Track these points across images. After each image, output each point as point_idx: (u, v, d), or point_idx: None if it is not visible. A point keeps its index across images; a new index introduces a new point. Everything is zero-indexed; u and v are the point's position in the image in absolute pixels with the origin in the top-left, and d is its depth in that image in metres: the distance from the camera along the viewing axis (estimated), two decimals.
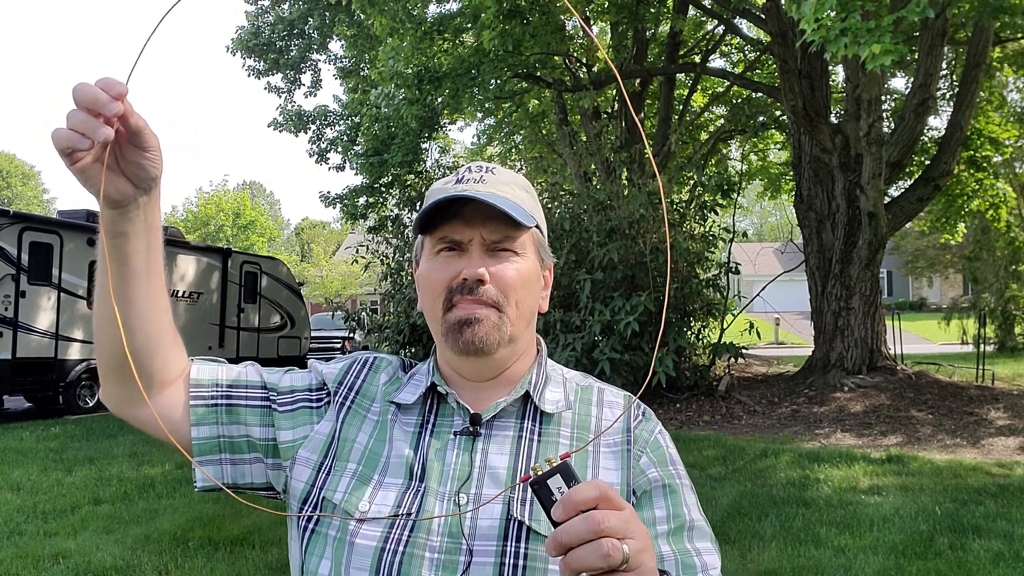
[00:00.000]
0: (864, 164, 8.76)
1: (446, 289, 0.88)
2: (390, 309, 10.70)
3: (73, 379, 10.25)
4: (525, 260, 0.91)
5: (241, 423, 0.91)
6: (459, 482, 0.85)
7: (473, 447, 0.87)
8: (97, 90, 0.70)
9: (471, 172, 0.92)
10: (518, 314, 0.90)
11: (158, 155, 0.78)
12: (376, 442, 0.90)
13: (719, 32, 14.36)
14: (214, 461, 0.90)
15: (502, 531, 0.82)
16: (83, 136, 0.70)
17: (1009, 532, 4.26)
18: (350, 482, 0.86)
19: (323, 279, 32.49)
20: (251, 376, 0.95)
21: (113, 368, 0.86)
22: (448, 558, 0.80)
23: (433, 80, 9.89)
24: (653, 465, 0.90)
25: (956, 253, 19.81)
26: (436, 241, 0.90)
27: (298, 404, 0.93)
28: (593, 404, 0.95)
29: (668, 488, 0.89)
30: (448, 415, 0.91)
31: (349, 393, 0.95)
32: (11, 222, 9.56)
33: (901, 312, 17.79)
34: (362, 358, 1.00)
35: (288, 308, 15.08)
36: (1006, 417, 7.88)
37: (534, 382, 0.93)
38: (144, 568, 3.89)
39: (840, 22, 5.36)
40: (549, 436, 0.90)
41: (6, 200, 48.51)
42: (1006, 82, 12.95)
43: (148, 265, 0.83)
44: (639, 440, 0.91)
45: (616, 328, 7.91)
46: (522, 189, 0.94)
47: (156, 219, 0.82)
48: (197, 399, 0.91)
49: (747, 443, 6.93)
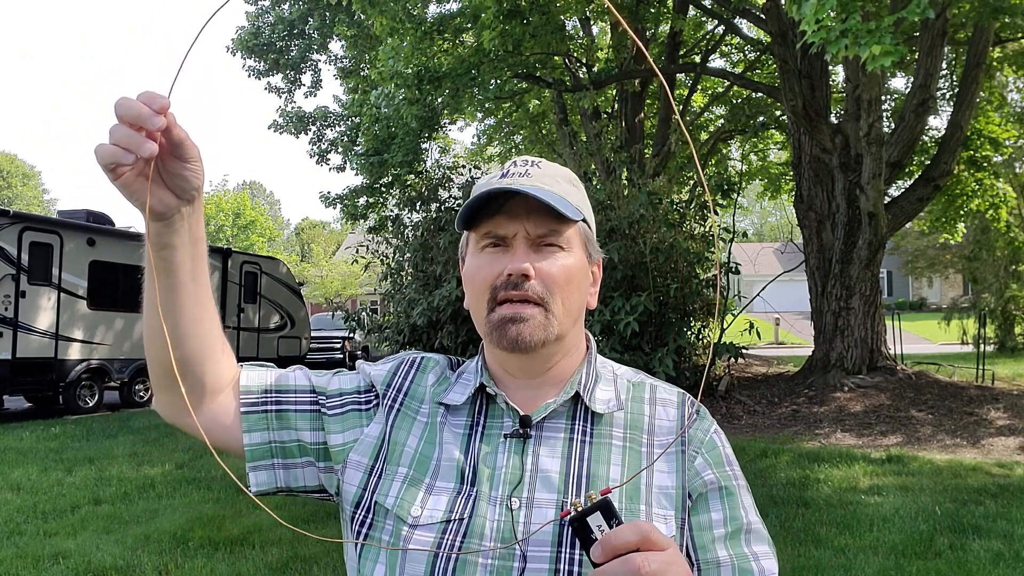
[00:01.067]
0: (864, 164, 8.76)
1: (491, 287, 0.87)
2: (390, 309, 10.70)
3: (73, 379, 10.25)
4: (571, 255, 0.89)
5: (291, 428, 0.91)
6: (511, 486, 0.84)
7: (524, 450, 0.86)
8: (140, 105, 0.70)
9: (516, 166, 0.90)
10: (565, 311, 0.88)
11: (200, 165, 0.78)
12: (426, 445, 0.89)
13: (719, 32, 14.36)
14: (267, 466, 0.91)
15: (557, 537, 0.80)
16: (127, 151, 0.70)
17: (1009, 532, 4.26)
18: (401, 486, 0.86)
19: (323, 279, 32.48)
20: (300, 380, 0.95)
21: (164, 377, 0.86)
22: (502, 564, 0.79)
23: (433, 80, 9.88)
24: (709, 467, 0.88)
25: (956, 253, 19.81)
26: (480, 237, 0.89)
27: (347, 407, 0.93)
28: (646, 402, 0.93)
29: (725, 490, 0.88)
30: (498, 416, 0.90)
31: (398, 395, 0.94)
32: (11, 222, 9.57)
33: (901, 312, 17.79)
34: (409, 358, 0.99)
35: (288, 308, 15.09)
36: (1006, 417, 7.88)
37: (583, 382, 0.91)
38: (144, 568, 3.89)
39: (840, 23, 5.36)
40: (601, 437, 0.88)
41: (6, 200, 48.52)
42: (1006, 82, 12.95)
43: (195, 275, 0.83)
44: (694, 440, 0.89)
45: (616, 328, 7.91)
46: (568, 182, 0.92)
47: (200, 228, 0.82)
48: (248, 406, 0.91)
49: (747, 443, 6.93)
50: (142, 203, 0.75)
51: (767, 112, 13.80)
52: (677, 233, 8.81)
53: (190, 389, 0.86)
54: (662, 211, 8.90)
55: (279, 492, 0.93)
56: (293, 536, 4.41)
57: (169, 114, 0.72)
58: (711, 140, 15.32)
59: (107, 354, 10.79)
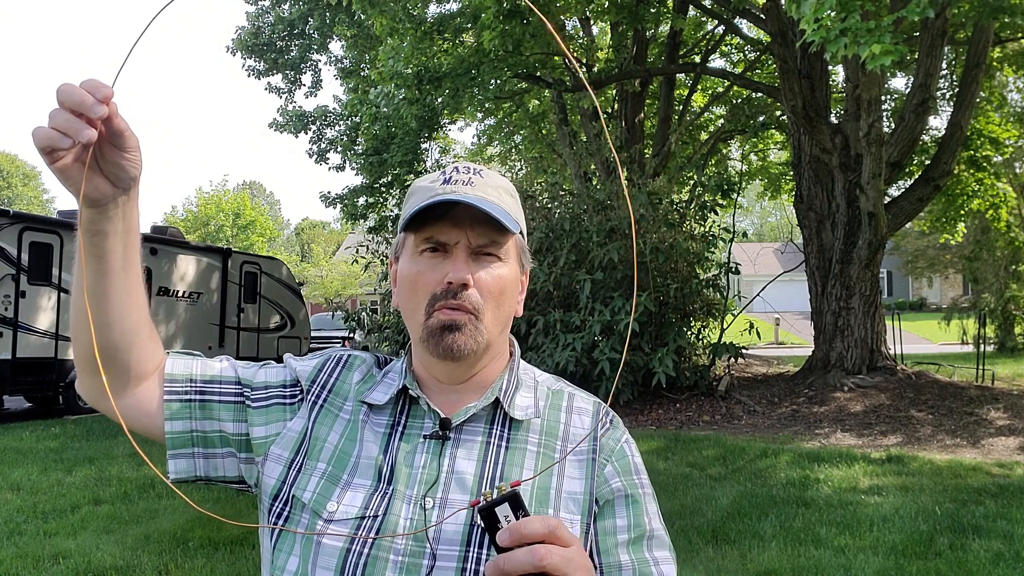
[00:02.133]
0: (864, 164, 8.76)
1: (430, 293, 0.88)
2: (390, 309, 10.70)
3: (73, 379, 10.25)
4: (507, 266, 0.92)
5: (214, 419, 0.92)
6: (426, 486, 0.86)
7: (442, 452, 0.88)
8: (83, 92, 0.70)
9: (459, 173, 0.92)
10: (495, 320, 0.90)
11: (138, 155, 0.79)
12: (347, 442, 0.90)
13: (719, 32, 14.36)
14: (187, 455, 0.92)
15: (466, 537, 0.83)
16: (64, 135, 0.71)
17: (1009, 532, 4.26)
18: (319, 481, 0.87)
19: (323, 279, 32.49)
20: (225, 372, 0.96)
21: (89, 361, 0.87)
22: (412, 561, 0.82)
23: (433, 80, 9.89)
24: (617, 475, 0.91)
25: (956, 253, 19.80)
26: (421, 240, 0.90)
27: (272, 400, 0.94)
28: (563, 411, 0.95)
29: (630, 498, 0.91)
30: (419, 417, 0.91)
31: (322, 391, 0.95)
32: (11, 222, 9.56)
33: (901, 312, 17.78)
34: (336, 355, 1.00)
35: (288, 308, 15.08)
36: (1006, 417, 7.88)
37: (504, 388, 0.93)
38: (144, 568, 3.89)
39: (840, 22, 5.36)
40: (517, 443, 0.91)
41: (7, 200, 48.52)
42: (1006, 82, 12.96)
43: (126, 262, 0.84)
44: (605, 448, 0.92)
45: (616, 328, 7.91)
46: (508, 194, 0.94)
47: (134, 218, 0.83)
48: (171, 394, 0.92)
49: (747, 443, 6.93)
50: (77, 189, 0.75)
51: (767, 112, 13.80)
52: (677, 233, 8.82)
53: (115, 375, 0.88)
54: (662, 211, 8.91)
55: (198, 480, 0.94)
56: None
57: (112, 103, 0.72)
58: (711, 140, 15.32)
59: None
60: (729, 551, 4.06)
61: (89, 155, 0.75)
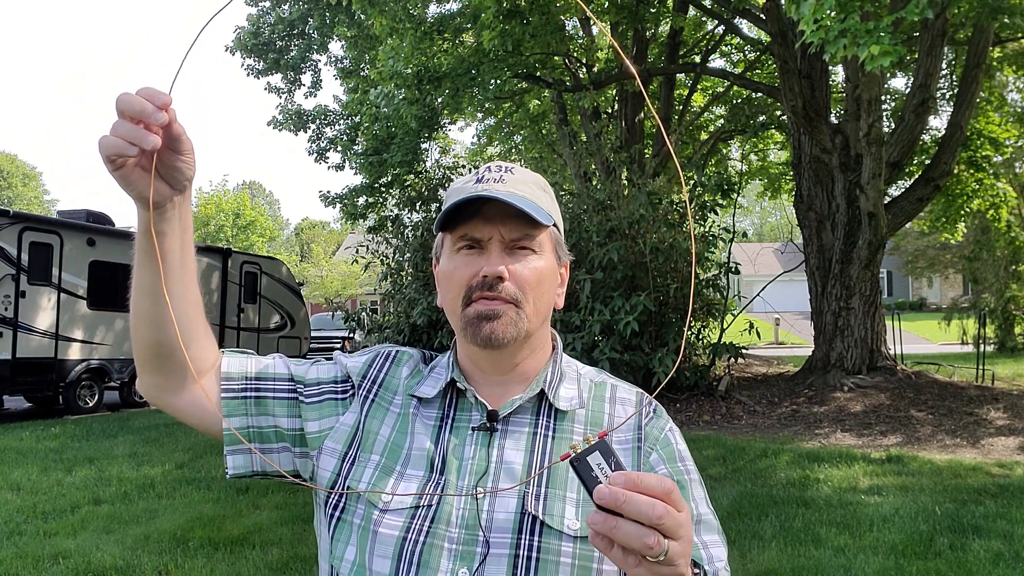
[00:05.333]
0: (864, 164, 8.76)
1: (466, 286, 0.91)
2: (390, 309, 10.70)
3: (73, 379, 10.25)
4: (542, 258, 0.94)
5: (269, 414, 0.95)
6: (476, 476, 0.89)
7: (490, 442, 0.91)
8: (143, 101, 0.74)
9: (491, 172, 0.95)
10: (535, 311, 0.92)
11: (193, 158, 0.82)
12: (398, 434, 0.94)
13: (719, 32, 14.36)
14: (244, 450, 0.95)
15: (517, 524, 0.86)
16: (131, 144, 0.74)
17: (1009, 532, 4.26)
18: (374, 473, 0.91)
19: (323, 279, 32.48)
20: (279, 368, 0.99)
21: (150, 359, 0.90)
22: (466, 548, 0.84)
23: (433, 80, 9.88)
24: (663, 462, 0.93)
25: (956, 253, 19.80)
26: (456, 239, 0.93)
27: (324, 396, 0.97)
28: (606, 401, 0.98)
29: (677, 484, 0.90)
30: (466, 410, 0.94)
31: (372, 386, 0.98)
32: (11, 222, 9.56)
33: (901, 312, 17.78)
34: (384, 351, 1.03)
35: (288, 308, 15.08)
36: (1006, 417, 7.88)
37: (549, 379, 0.96)
38: (144, 568, 3.89)
39: (839, 23, 5.36)
40: (563, 432, 0.93)
41: (7, 201, 48.51)
42: (1006, 82, 12.95)
43: (183, 260, 0.87)
44: (650, 437, 0.95)
45: (616, 328, 7.91)
46: (540, 188, 0.97)
47: (189, 217, 0.87)
48: (228, 391, 0.95)
49: (747, 443, 6.93)
50: (138, 193, 0.79)
51: (767, 112, 13.80)
52: (677, 233, 8.81)
53: (173, 372, 0.91)
54: (662, 211, 8.91)
55: (255, 475, 0.97)
56: (293, 536, 4.42)
57: (170, 109, 0.76)
58: (711, 140, 15.31)
59: (107, 354, 10.79)
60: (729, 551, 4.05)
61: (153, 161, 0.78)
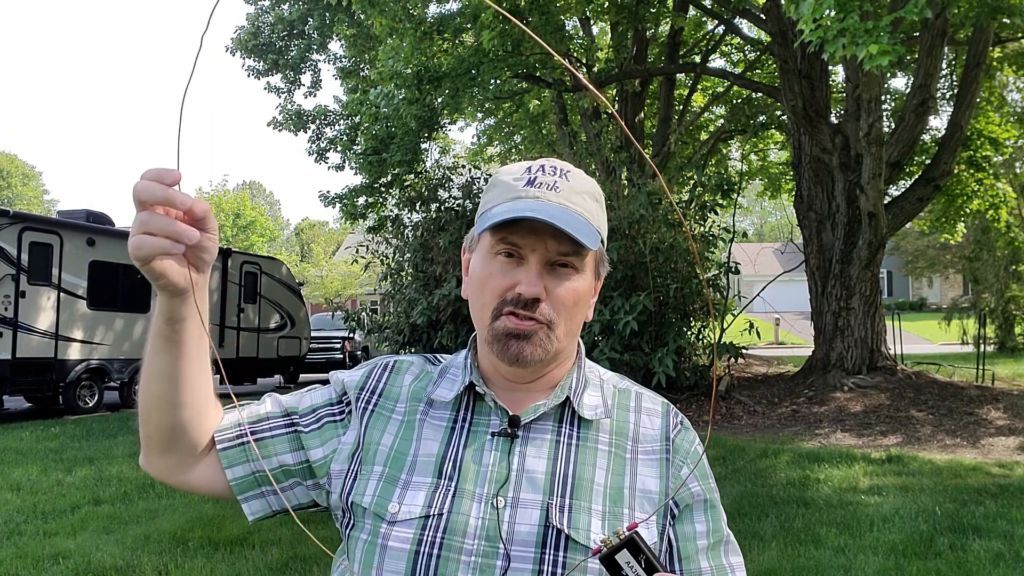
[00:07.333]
0: (864, 164, 8.76)
1: (499, 298, 0.86)
2: (390, 309, 10.69)
3: (73, 379, 10.25)
4: (583, 277, 0.89)
5: (271, 455, 0.92)
6: (497, 484, 0.84)
7: (511, 449, 0.87)
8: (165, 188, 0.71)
9: (544, 174, 0.88)
10: (566, 331, 0.89)
11: (216, 235, 0.79)
12: (402, 442, 0.90)
13: (719, 32, 14.36)
14: (256, 495, 0.92)
15: (540, 538, 0.82)
16: (176, 242, 0.72)
17: (1009, 532, 4.26)
18: (378, 484, 0.87)
19: (323, 279, 32.46)
20: (271, 408, 0.96)
21: (162, 441, 0.88)
22: (485, 562, 0.80)
23: (433, 80, 9.88)
24: (696, 479, 0.91)
25: (956, 253, 19.81)
26: (497, 241, 0.87)
27: (323, 421, 0.94)
28: (631, 410, 0.95)
29: (708, 503, 0.91)
30: (485, 414, 0.90)
31: (371, 396, 0.95)
32: (11, 222, 9.56)
33: (901, 312, 17.78)
34: (383, 362, 1.00)
35: (288, 308, 15.08)
36: (1006, 417, 7.88)
37: (574, 387, 0.92)
38: (144, 568, 3.89)
39: (838, 22, 5.36)
40: (587, 441, 0.90)
41: (7, 200, 48.50)
42: (1006, 82, 12.95)
43: (200, 344, 0.84)
44: (680, 450, 0.92)
45: (616, 328, 7.90)
46: (593, 199, 0.90)
47: (205, 298, 0.82)
48: (224, 442, 0.91)
49: (747, 443, 6.93)
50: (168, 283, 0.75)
51: (767, 112, 13.80)
52: (677, 233, 8.81)
53: (184, 452, 0.88)
54: (662, 211, 8.90)
55: (276, 515, 0.94)
56: (293, 536, 4.41)
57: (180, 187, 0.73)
58: (711, 140, 15.31)
59: (107, 354, 10.79)
60: None
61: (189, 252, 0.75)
